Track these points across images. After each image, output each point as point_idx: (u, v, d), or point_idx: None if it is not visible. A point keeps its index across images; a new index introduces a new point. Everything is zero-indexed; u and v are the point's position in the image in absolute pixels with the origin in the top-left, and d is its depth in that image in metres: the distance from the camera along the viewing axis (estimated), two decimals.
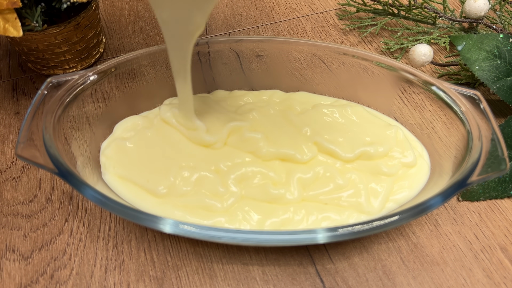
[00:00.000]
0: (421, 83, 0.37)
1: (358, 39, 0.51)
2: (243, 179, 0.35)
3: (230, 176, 0.35)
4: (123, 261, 0.34)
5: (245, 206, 0.34)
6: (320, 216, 0.33)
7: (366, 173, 0.35)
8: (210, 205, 0.33)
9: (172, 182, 0.34)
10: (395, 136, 0.37)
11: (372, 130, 0.38)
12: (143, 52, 0.39)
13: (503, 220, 0.36)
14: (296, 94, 0.42)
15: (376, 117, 0.40)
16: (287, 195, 0.34)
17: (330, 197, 0.34)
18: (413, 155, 0.36)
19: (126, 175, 0.35)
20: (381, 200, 0.34)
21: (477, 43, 0.41)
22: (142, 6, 0.56)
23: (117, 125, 0.39)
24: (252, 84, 0.43)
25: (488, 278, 0.33)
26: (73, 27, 0.43)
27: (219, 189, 0.34)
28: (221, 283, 0.33)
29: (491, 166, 0.31)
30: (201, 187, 0.34)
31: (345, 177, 0.35)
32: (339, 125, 0.38)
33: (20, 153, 0.31)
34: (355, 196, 0.34)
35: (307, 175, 0.35)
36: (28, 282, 0.33)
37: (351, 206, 0.34)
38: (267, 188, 0.34)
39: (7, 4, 0.36)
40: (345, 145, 0.36)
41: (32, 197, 0.38)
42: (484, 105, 0.34)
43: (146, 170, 0.35)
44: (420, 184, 0.35)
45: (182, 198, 0.34)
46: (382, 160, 0.36)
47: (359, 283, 0.33)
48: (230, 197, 0.34)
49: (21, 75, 0.48)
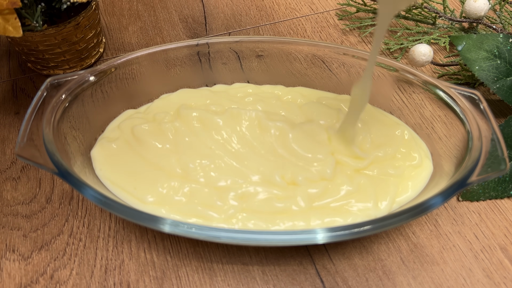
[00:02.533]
0: (421, 83, 0.37)
1: (358, 39, 0.51)
2: (244, 196, 0.33)
3: (229, 193, 0.33)
4: (123, 261, 0.34)
5: (246, 216, 0.32)
6: (326, 220, 0.32)
7: (375, 176, 0.35)
8: (207, 215, 0.32)
9: (161, 192, 0.33)
10: (403, 135, 0.37)
11: (381, 130, 0.38)
12: (143, 52, 0.39)
13: (503, 220, 0.36)
14: (299, 88, 0.42)
15: (383, 114, 0.39)
16: (292, 207, 0.33)
17: (340, 204, 0.33)
18: (419, 156, 0.36)
19: (113, 179, 0.34)
20: (387, 203, 0.33)
21: (477, 43, 0.41)
22: (142, 6, 0.56)
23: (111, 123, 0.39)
24: (252, 84, 0.43)
25: (488, 278, 0.33)
26: (73, 27, 0.43)
27: (216, 202, 0.33)
28: (221, 283, 0.33)
29: (491, 166, 0.31)
30: (194, 198, 0.33)
31: (354, 183, 0.34)
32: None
33: (20, 153, 0.31)
34: (363, 201, 0.33)
35: (316, 189, 0.34)
36: (28, 282, 0.33)
37: (359, 211, 0.33)
38: (271, 202, 0.33)
39: (7, 4, 0.36)
40: (358, 152, 0.36)
41: (32, 197, 0.38)
42: (484, 105, 0.34)
43: (132, 177, 0.34)
44: (422, 184, 0.35)
45: (175, 206, 0.33)
46: (390, 162, 0.36)
47: (359, 283, 0.33)
48: (230, 209, 0.33)
49: (21, 75, 0.48)
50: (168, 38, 0.52)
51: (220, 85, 0.43)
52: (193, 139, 0.36)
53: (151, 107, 0.40)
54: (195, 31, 0.53)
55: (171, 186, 0.34)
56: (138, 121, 0.38)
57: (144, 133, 0.36)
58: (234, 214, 0.32)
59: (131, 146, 0.36)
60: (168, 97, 0.41)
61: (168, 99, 0.41)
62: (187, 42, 0.40)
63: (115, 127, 0.38)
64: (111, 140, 0.37)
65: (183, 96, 0.41)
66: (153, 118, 0.38)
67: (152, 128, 0.37)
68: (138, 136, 0.36)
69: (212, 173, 0.34)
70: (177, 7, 0.56)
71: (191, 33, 0.52)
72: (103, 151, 0.36)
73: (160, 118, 0.38)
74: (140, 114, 0.39)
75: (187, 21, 0.54)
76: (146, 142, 0.36)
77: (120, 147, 0.36)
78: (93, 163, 0.35)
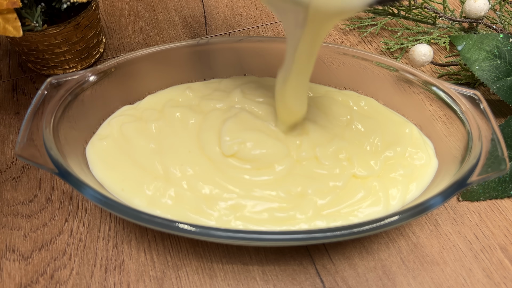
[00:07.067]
0: (421, 83, 0.37)
1: (358, 39, 0.51)
2: (236, 208, 0.32)
3: (218, 202, 0.32)
4: (123, 261, 0.34)
5: (242, 224, 0.31)
6: (331, 225, 0.32)
7: (386, 178, 0.34)
8: (197, 220, 0.32)
9: (148, 195, 0.33)
10: (411, 134, 0.37)
11: (390, 128, 0.37)
12: (143, 52, 0.39)
13: (503, 220, 0.36)
14: None
15: (391, 111, 0.39)
16: (297, 215, 0.32)
17: (351, 210, 0.33)
18: (427, 155, 0.36)
19: (102, 178, 0.34)
20: (395, 204, 0.33)
21: (477, 43, 0.41)
22: (142, 6, 0.56)
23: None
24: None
25: (488, 278, 0.33)
26: (73, 27, 0.43)
27: (206, 210, 0.32)
28: (221, 283, 0.33)
29: (491, 166, 0.31)
30: (182, 202, 0.32)
31: (366, 186, 0.34)
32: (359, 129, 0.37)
33: (20, 153, 0.31)
34: (374, 205, 0.33)
35: (326, 199, 0.33)
36: (28, 282, 0.33)
37: (368, 216, 0.32)
38: (272, 212, 0.32)
39: (7, 4, 0.36)
40: (371, 156, 0.35)
41: (32, 197, 0.38)
42: (484, 105, 0.34)
43: (120, 177, 0.34)
44: (426, 184, 0.35)
45: (164, 209, 0.32)
46: (399, 161, 0.36)
47: (359, 283, 0.33)
48: (222, 216, 0.32)
49: (21, 75, 0.48)
50: (168, 38, 0.52)
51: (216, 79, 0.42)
52: (174, 140, 0.36)
53: (142, 103, 0.40)
54: (195, 31, 0.53)
55: (156, 188, 0.33)
56: (127, 118, 0.38)
57: (131, 131, 0.36)
58: (228, 221, 0.32)
59: (119, 144, 0.36)
60: (159, 92, 0.40)
61: (158, 95, 0.40)
62: (187, 42, 0.40)
63: (106, 123, 0.38)
64: (102, 137, 0.37)
65: (173, 91, 0.40)
66: (141, 115, 0.38)
67: (138, 126, 0.37)
68: (125, 134, 0.36)
69: (193, 179, 0.33)
70: (177, 7, 0.56)
71: (191, 33, 0.52)
72: (94, 149, 0.36)
73: (147, 115, 0.38)
74: (131, 110, 0.39)
75: (187, 21, 0.54)
76: (132, 140, 0.36)
77: (109, 145, 0.36)
78: (88, 161, 0.35)
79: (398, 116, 0.39)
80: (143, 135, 0.36)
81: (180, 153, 0.35)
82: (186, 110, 0.38)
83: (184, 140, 0.36)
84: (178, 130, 0.36)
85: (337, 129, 0.37)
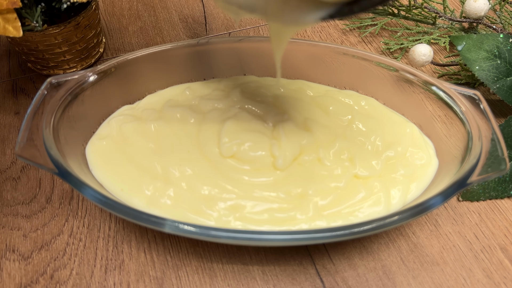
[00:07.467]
0: (421, 83, 0.37)
1: (358, 39, 0.51)
2: (236, 208, 0.32)
3: (217, 203, 0.32)
4: (123, 261, 0.34)
5: (241, 224, 0.31)
6: (332, 225, 0.32)
7: (387, 178, 0.34)
8: (197, 220, 0.32)
9: (147, 195, 0.33)
10: (412, 133, 0.37)
11: (391, 128, 0.37)
12: (143, 52, 0.39)
13: (503, 220, 0.36)
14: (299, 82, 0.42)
15: (391, 111, 0.39)
16: (297, 215, 0.32)
17: (352, 210, 0.33)
18: (428, 155, 0.36)
19: (102, 178, 0.34)
20: (396, 204, 0.33)
21: (477, 43, 0.41)
22: (142, 6, 0.56)
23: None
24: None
25: (488, 278, 0.33)
26: (73, 27, 0.43)
27: (205, 210, 0.32)
28: (221, 283, 0.33)
29: (491, 166, 0.31)
30: (181, 202, 0.32)
31: (367, 186, 0.34)
32: (360, 128, 0.37)
33: (20, 153, 0.31)
34: (375, 205, 0.33)
35: (327, 199, 0.33)
36: (28, 282, 0.33)
37: (369, 216, 0.32)
38: (272, 213, 0.32)
39: (7, 4, 0.36)
40: (372, 156, 0.35)
41: (32, 197, 0.38)
42: (484, 105, 0.34)
43: (119, 177, 0.34)
44: (427, 183, 0.35)
45: (163, 210, 0.32)
46: (400, 161, 0.35)
47: (359, 283, 0.33)
48: (222, 216, 0.32)
49: (21, 75, 0.48)
50: (168, 38, 0.52)
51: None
52: (173, 140, 0.36)
53: (141, 103, 0.40)
54: (195, 31, 0.53)
55: (156, 188, 0.33)
56: (126, 118, 0.37)
57: (130, 131, 0.36)
58: (228, 222, 0.31)
59: (118, 144, 0.36)
60: (159, 92, 0.40)
61: (157, 95, 0.40)
62: (187, 42, 0.40)
63: (106, 123, 0.38)
64: (101, 137, 0.37)
65: (173, 91, 0.40)
66: (140, 115, 0.38)
67: (137, 126, 0.37)
68: (124, 134, 0.36)
69: (192, 180, 0.33)
70: (177, 7, 0.56)
71: (191, 33, 0.52)
72: (93, 148, 0.36)
73: (146, 115, 0.38)
74: (131, 110, 0.39)
75: (187, 21, 0.54)
76: (131, 140, 0.36)
77: (109, 145, 0.36)
78: (87, 161, 0.35)
79: (399, 116, 0.39)
80: (142, 135, 0.36)
81: (180, 153, 0.35)
82: (185, 110, 0.38)
83: (183, 140, 0.36)
84: (178, 130, 0.36)
85: (338, 129, 0.37)
